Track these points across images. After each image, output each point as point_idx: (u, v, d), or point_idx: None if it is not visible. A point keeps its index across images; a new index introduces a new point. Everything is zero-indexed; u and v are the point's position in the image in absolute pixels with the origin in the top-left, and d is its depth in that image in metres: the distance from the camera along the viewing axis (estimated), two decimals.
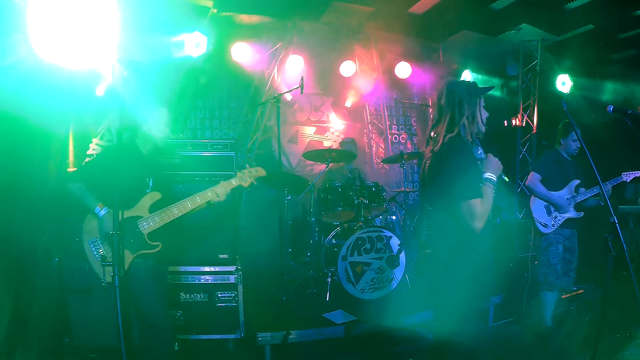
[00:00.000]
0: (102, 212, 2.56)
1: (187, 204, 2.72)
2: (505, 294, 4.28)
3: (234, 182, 2.91)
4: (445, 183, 2.13)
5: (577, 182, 3.93)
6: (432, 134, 2.34)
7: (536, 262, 3.95)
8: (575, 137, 3.87)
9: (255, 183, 3.00)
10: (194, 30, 5.26)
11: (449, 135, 2.20)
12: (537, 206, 3.92)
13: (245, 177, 2.96)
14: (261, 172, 3.05)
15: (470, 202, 2.05)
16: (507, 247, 5.23)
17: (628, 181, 3.91)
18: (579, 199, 3.89)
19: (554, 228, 3.88)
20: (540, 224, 3.89)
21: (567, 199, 3.89)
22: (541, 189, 3.89)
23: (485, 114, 2.29)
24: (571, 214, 3.89)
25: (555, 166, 3.95)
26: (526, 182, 3.98)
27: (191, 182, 4.09)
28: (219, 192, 2.82)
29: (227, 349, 3.61)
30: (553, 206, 3.90)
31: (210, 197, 2.79)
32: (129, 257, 2.56)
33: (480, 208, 2.06)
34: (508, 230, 5.49)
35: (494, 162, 2.25)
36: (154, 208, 2.67)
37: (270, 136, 6.47)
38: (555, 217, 3.90)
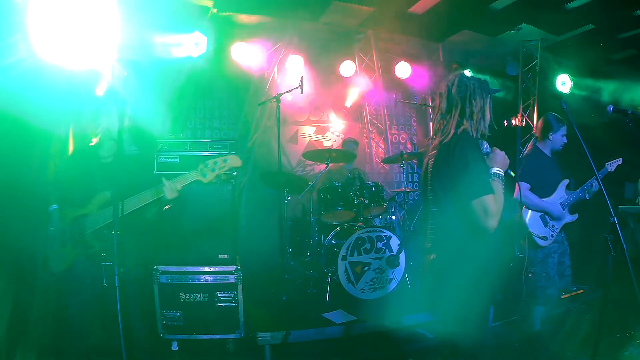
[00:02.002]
0: (51, 208, 2.57)
1: (132, 202, 2.50)
2: (505, 294, 4.28)
3: (189, 177, 2.54)
4: (452, 180, 2.00)
5: (567, 181, 3.68)
6: (438, 125, 2.20)
7: (530, 275, 3.61)
8: (564, 132, 3.61)
9: (223, 177, 2.60)
10: (194, 30, 5.26)
11: (458, 129, 2.09)
12: (532, 219, 3.53)
13: (208, 171, 2.51)
14: (234, 161, 2.54)
15: (482, 199, 1.92)
16: (507, 247, 5.23)
17: (612, 170, 3.72)
18: (571, 200, 3.63)
19: (553, 239, 3.56)
20: (539, 237, 3.52)
21: (560, 203, 3.59)
22: (533, 198, 3.52)
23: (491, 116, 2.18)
24: (567, 218, 3.63)
25: (542, 169, 3.61)
26: (515, 195, 3.40)
27: (191, 182, 4.09)
28: (168, 189, 2.52)
29: (227, 349, 3.61)
30: (549, 215, 3.56)
31: (158, 195, 2.53)
32: (71, 253, 2.55)
33: (493, 205, 1.93)
34: (507, 230, 5.49)
35: (501, 155, 2.14)
36: (103, 206, 2.55)
37: (270, 136, 6.46)
38: (553, 226, 3.58)
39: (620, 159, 3.75)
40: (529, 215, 3.54)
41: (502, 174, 2.10)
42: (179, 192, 2.56)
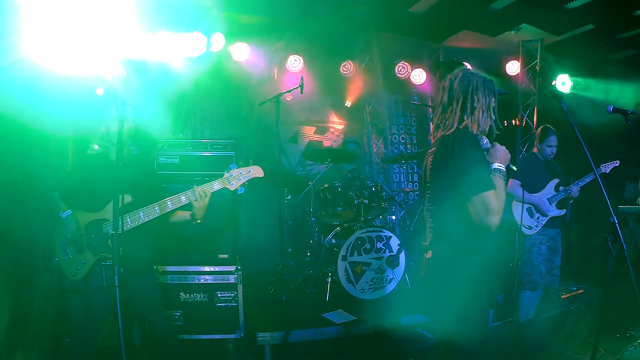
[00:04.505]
0: (64, 214, 2.53)
1: (155, 209, 2.55)
2: (505, 294, 4.28)
3: (216, 185, 2.59)
4: (452, 177, 1.95)
5: (557, 181, 4.05)
6: (439, 119, 2.15)
7: (519, 263, 4.01)
8: (551, 143, 4.02)
9: (247, 184, 2.65)
10: (194, 30, 5.25)
11: (459, 125, 2.05)
12: (519, 210, 3.96)
13: (234, 180, 2.60)
14: (257, 172, 2.65)
15: (483, 195, 1.85)
16: (507, 247, 5.23)
17: (607, 172, 4.02)
18: (559, 197, 3.99)
19: (538, 229, 3.97)
20: (524, 227, 3.96)
21: (548, 198, 3.99)
22: (521, 192, 3.91)
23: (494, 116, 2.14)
24: (554, 212, 4.00)
25: (533, 170, 4.05)
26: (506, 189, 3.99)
27: (191, 182, 4.07)
28: (195, 196, 2.55)
29: (227, 349, 3.61)
30: (535, 208, 3.99)
31: (184, 202, 2.57)
32: (91, 259, 2.53)
33: (495, 201, 1.86)
34: (508, 230, 5.49)
35: (502, 151, 2.08)
36: (122, 212, 2.46)
37: (270, 136, 6.46)
38: (538, 218, 3.99)
39: (617, 161, 4.03)
40: (517, 207, 3.97)
41: (504, 169, 2.05)
42: (209, 200, 2.60)
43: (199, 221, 2.65)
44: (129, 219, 2.50)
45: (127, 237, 2.39)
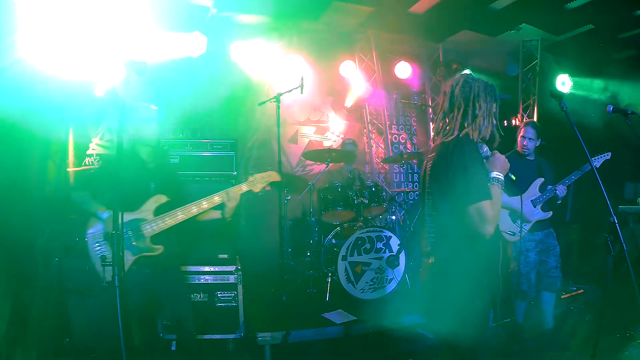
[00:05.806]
0: (105, 215, 2.57)
1: (192, 209, 2.71)
2: (505, 294, 4.28)
3: (244, 187, 2.85)
4: (450, 184, 1.97)
5: (541, 180, 3.74)
6: (440, 124, 2.16)
7: (509, 270, 3.79)
8: (525, 134, 3.75)
9: (268, 188, 2.94)
10: (194, 30, 5.26)
11: (459, 132, 2.05)
12: (500, 216, 3.63)
13: (257, 183, 2.89)
14: (275, 177, 2.97)
15: (479, 204, 1.88)
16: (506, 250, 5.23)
17: (598, 166, 3.59)
18: (545, 198, 3.69)
19: (522, 234, 3.68)
20: (507, 233, 3.67)
21: (532, 200, 3.69)
22: (505, 197, 3.59)
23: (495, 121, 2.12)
24: (538, 215, 3.71)
25: (513, 169, 3.73)
26: None
27: (191, 182, 4.10)
28: (228, 197, 2.77)
29: (227, 349, 3.61)
30: (516, 213, 3.65)
31: (217, 202, 2.76)
32: (130, 258, 2.57)
33: (490, 211, 1.89)
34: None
35: (501, 160, 2.09)
36: (159, 211, 2.65)
37: (270, 136, 6.45)
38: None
39: (609, 153, 3.63)
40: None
41: (502, 178, 2.07)
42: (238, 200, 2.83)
43: (229, 219, 2.86)
44: (167, 218, 2.64)
45: (163, 236, 2.58)
